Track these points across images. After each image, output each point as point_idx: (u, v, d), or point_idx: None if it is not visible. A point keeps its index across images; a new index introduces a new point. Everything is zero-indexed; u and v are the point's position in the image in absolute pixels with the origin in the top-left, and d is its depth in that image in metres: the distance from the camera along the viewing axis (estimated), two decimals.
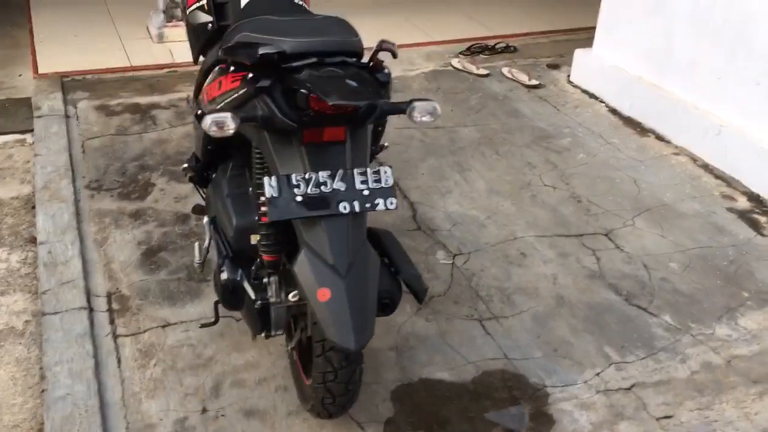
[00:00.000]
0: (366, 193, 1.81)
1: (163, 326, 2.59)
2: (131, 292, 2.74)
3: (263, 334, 2.11)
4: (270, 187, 1.77)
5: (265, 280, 2.07)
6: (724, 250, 3.16)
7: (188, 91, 4.40)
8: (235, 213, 2.10)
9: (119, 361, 2.43)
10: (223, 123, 1.73)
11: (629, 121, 4.28)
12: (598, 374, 2.46)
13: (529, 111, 4.37)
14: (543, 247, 3.12)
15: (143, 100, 4.29)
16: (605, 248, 3.13)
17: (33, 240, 3.08)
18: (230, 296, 2.14)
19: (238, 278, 2.13)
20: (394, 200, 1.83)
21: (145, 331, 2.56)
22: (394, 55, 1.82)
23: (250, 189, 2.17)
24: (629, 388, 2.41)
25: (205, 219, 2.37)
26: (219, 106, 1.97)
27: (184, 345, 2.51)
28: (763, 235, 3.28)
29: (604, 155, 3.90)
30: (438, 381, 2.41)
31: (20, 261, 2.97)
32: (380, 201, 1.82)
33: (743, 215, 3.42)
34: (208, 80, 2.17)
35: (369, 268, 1.82)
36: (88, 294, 2.70)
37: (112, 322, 2.60)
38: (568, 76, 4.85)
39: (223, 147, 2.22)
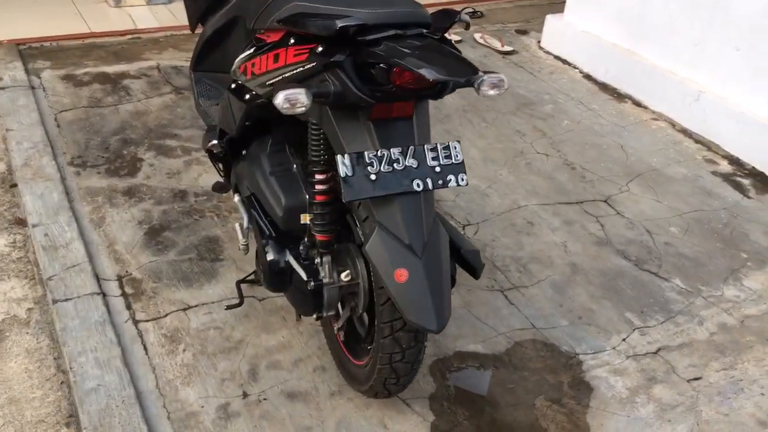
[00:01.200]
0: (438, 169, 1.77)
1: (184, 309, 2.48)
2: (142, 274, 2.62)
3: (314, 316, 2.05)
4: (344, 165, 1.70)
5: (317, 260, 2.00)
6: (717, 213, 3.27)
7: (157, 59, 4.23)
8: (283, 192, 2.02)
9: (146, 348, 2.32)
10: (296, 100, 1.64)
11: (605, 87, 4.34)
12: (624, 340, 2.52)
13: (507, 78, 4.35)
14: (547, 215, 3.15)
15: (111, 69, 4.06)
16: (606, 214, 3.18)
17: (20, 221, 2.89)
18: (276, 278, 2.07)
19: (286, 259, 2.06)
20: (464, 176, 1.79)
21: (166, 315, 2.45)
22: (467, 27, 1.77)
23: (294, 166, 2.08)
24: (656, 352, 2.48)
25: (236, 197, 2.28)
26: (272, 81, 1.87)
27: (210, 328, 2.42)
28: (748, 197, 3.41)
29: (588, 121, 3.95)
30: (472, 353, 2.42)
31: (9, 245, 2.79)
32: (452, 177, 1.78)
33: (727, 178, 3.54)
34: (245, 54, 2.05)
35: (442, 247, 1.79)
36: (98, 278, 2.56)
37: (128, 307, 2.47)
38: (539, 42, 4.87)
39: (262, 122, 2.12)
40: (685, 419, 2.23)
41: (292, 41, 1.80)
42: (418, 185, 1.74)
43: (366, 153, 1.72)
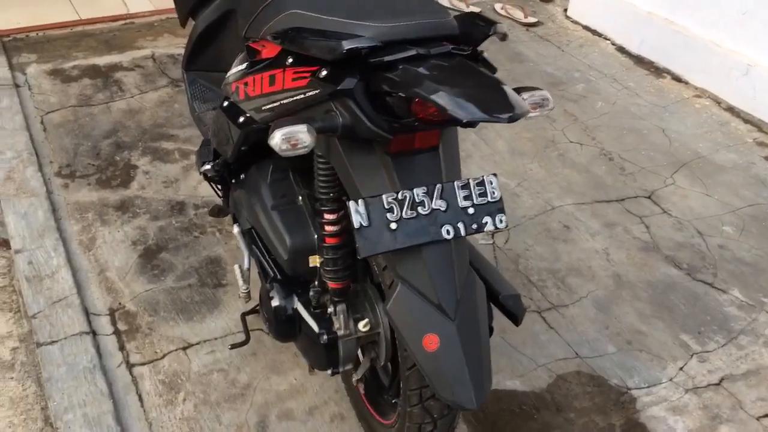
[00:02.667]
0: (471, 211, 1.45)
1: (184, 348, 2.21)
2: (137, 306, 2.34)
3: (329, 371, 1.77)
4: (357, 214, 1.39)
5: (330, 308, 1.71)
6: None
7: (152, 48, 3.90)
8: (287, 231, 1.72)
9: (141, 399, 2.06)
10: (297, 140, 1.32)
11: (641, 61, 3.98)
12: (681, 369, 2.22)
13: (533, 54, 4.01)
14: (585, 216, 2.83)
15: (102, 60, 3.74)
16: (651, 213, 2.86)
17: (4, 243, 2.62)
18: (283, 327, 1.79)
19: (294, 306, 1.77)
20: (503, 217, 1.48)
21: (164, 357, 2.18)
22: (504, 38, 1.44)
23: (300, 198, 1.78)
24: (719, 383, 2.18)
25: (236, 228, 1.98)
26: (268, 107, 1.56)
27: (213, 371, 2.14)
28: None
29: (624, 102, 3.60)
30: (511, 392, 2.13)
31: None
32: (488, 219, 1.46)
33: None
34: (237, 69, 1.73)
35: (478, 302, 1.48)
36: (87, 313, 2.29)
37: (122, 347, 2.20)
38: (565, 10, 4.49)
39: (260, 145, 1.81)
40: None
41: (290, 61, 1.48)
42: (448, 232, 1.43)
43: (384, 197, 1.40)
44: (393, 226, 1.41)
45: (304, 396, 2.08)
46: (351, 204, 1.39)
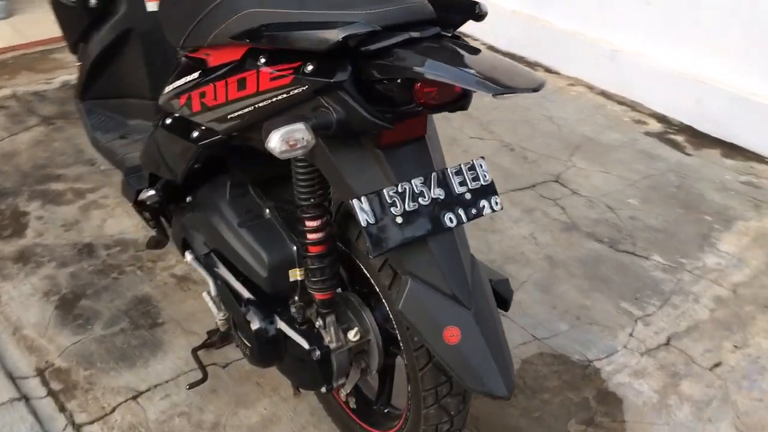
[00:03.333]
0: (468, 196, 1.42)
1: (134, 397, 2.01)
2: (68, 361, 2.11)
3: (323, 389, 1.67)
4: (363, 212, 1.32)
5: (318, 322, 1.62)
6: (666, 176, 3.14)
7: (11, 87, 3.58)
8: (263, 247, 1.61)
9: None
10: (296, 139, 1.24)
11: (512, 57, 4.14)
12: (631, 335, 2.31)
13: None
14: (505, 205, 2.87)
15: None
16: (563, 195, 2.97)
17: None
18: (267, 350, 1.67)
19: (276, 326, 1.66)
20: (498, 198, 1.46)
21: (113, 410, 1.97)
22: (481, 19, 1.43)
23: (267, 210, 1.67)
24: (667, 343, 2.29)
25: (189, 256, 1.83)
26: (238, 113, 1.45)
27: (173, 416, 1.97)
28: (688, 154, 3.32)
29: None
30: None
31: None
32: (484, 203, 1.44)
33: (662, 138, 3.44)
34: (183, 81, 1.60)
35: (486, 289, 1.46)
36: (12, 378, 2.03)
37: (62, 408, 1.97)
38: None
39: (213, 161, 1.68)
40: (724, 414, 2.04)
41: (263, 61, 1.38)
42: (450, 220, 1.40)
43: (385, 192, 1.35)
44: (399, 220, 1.35)
45: (279, 425, 1.96)
46: (354, 203, 1.32)
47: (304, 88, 1.31)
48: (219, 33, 1.50)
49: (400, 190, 1.36)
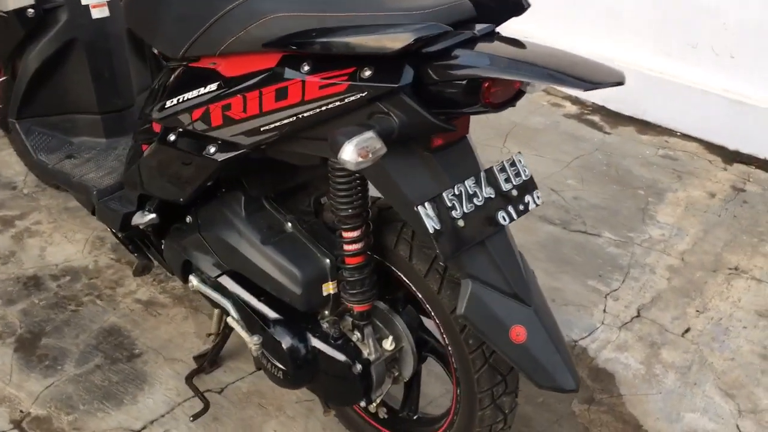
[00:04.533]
0: (514, 193, 1.43)
1: None
2: (46, 408, 1.92)
3: (362, 403, 1.62)
4: (428, 218, 1.29)
5: (356, 335, 1.57)
6: (594, 155, 3.29)
7: None
8: (294, 263, 1.52)
9: None
10: (371, 148, 1.19)
11: None
12: (604, 311, 2.40)
13: None
14: None
15: None
16: None
17: None
18: (301, 369, 1.59)
19: (311, 343, 1.59)
20: (539, 193, 1.48)
21: None
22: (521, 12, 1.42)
23: (288, 224, 1.59)
24: (638, 315, 2.40)
25: (194, 281, 1.71)
26: (275, 125, 1.36)
27: None
28: (607, 133, 3.49)
29: None
30: None
31: None
32: (528, 198, 1.45)
33: (580, 119, 3.60)
34: (193, 94, 1.48)
35: (536, 283, 1.47)
36: None
37: None
38: None
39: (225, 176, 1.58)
40: (705, 377, 2.17)
41: (307, 68, 1.30)
42: (503, 218, 1.39)
43: (445, 195, 1.32)
44: (461, 223, 1.33)
45: None
46: (420, 210, 1.29)
47: (363, 95, 1.25)
48: (237, 40, 1.40)
49: (456, 192, 1.34)
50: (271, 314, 1.61)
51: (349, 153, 1.18)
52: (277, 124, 1.37)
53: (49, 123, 2.18)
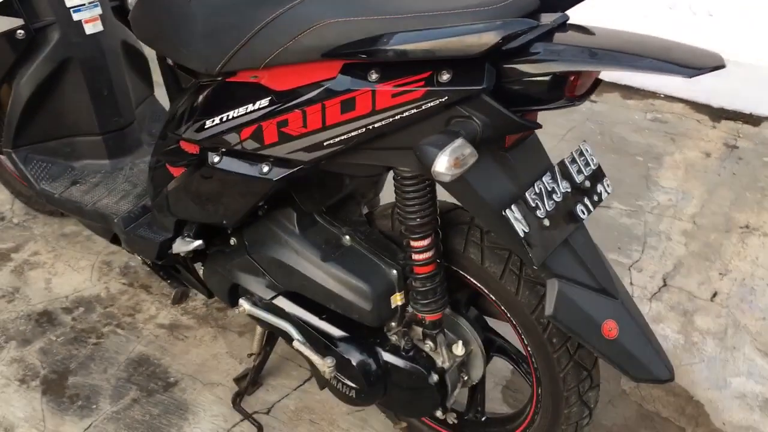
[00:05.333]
0: (587, 184, 1.39)
1: None
2: None
3: (439, 412, 1.57)
4: (518, 222, 1.24)
5: (428, 345, 1.52)
6: (585, 125, 3.28)
7: None
8: (361, 278, 1.45)
9: None
10: (464, 156, 1.12)
11: None
12: (631, 284, 2.40)
13: None
14: None
15: None
16: None
17: None
18: (375, 385, 1.54)
19: (382, 358, 1.53)
20: (608, 180, 1.44)
21: None
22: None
23: (346, 237, 1.51)
24: (665, 284, 2.40)
25: (246, 304, 1.62)
26: (340, 139, 1.28)
27: None
28: (593, 101, 3.49)
29: None
30: None
31: None
32: (600, 188, 1.42)
33: None
34: (248, 111, 1.38)
35: (615, 272, 1.43)
36: None
37: None
38: None
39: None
40: (742, 339, 2.19)
41: (375, 76, 1.22)
42: (582, 212, 1.35)
43: (527, 195, 1.27)
44: (546, 222, 1.28)
45: None
46: (508, 214, 1.23)
47: (443, 100, 1.18)
48: (285, 51, 1.31)
49: (537, 191, 1.29)
50: (337, 332, 1.54)
51: (444, 164, 1.11)
52: (344, 137, 1.29)
53: (48, 149, 2.05)
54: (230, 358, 2.08)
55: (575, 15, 1.27)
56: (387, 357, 1.53)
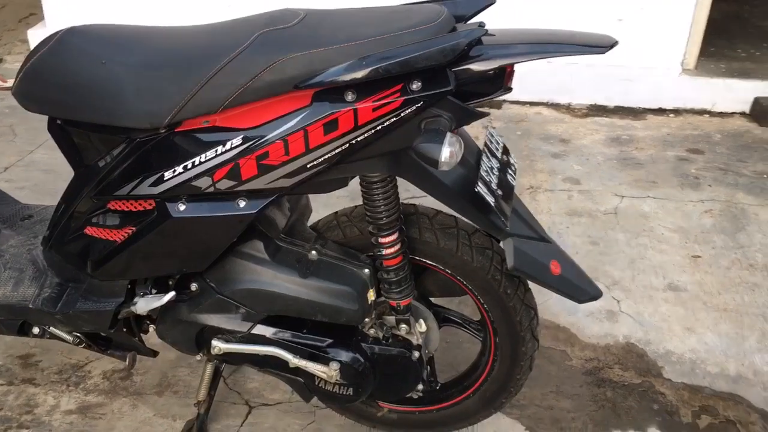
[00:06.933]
0: (504, 158, 1.69)
1: None
2: None
3: (420, 386, 1.76)
4: (487, 195, 1.49)
5: (402, 328, 1.70)
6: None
7: None
8: (341, 283, 1.59)
9: None
10: (456, 149, 1.35)
11: None
12: None
13: None
14: None
15: None
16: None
17: None
18: (369, 379, 1.69)
19: (368, 351, 1.69)
20: (513, 155, 1.76)
21: None
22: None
23: (312, 252, 1.63)
24: None
25: (222, 344, 1.65)
26: (325, 158, 1.42)
27: None
28: None
29: None
30: None
31: None
32: (512, 160, 1.73)
33: None
34: (217, 154, 1.43)
35: None
36: None
37: None
38: None
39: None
40: None
41: (352, 96, 1.38)
42: (512, 179, 1.65)
43: (481, 173, 1.53)
44: (499, 192, 1.56)
45: None
46: (479, 189, 1.48)
47: (419, 105, 1.39)
48: (245, 91, 1.41)
49: (484, 169, 1.56)
50: (322, 341, 1.65)
51: (446, 155, 1.33)
52: (327, 156, 1.43)
53: None
54: (161, 419, 2.03)
55: None
56: (372, 349, 1.68)
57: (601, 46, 1.42)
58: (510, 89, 1.51)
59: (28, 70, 1.56)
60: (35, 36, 4.09)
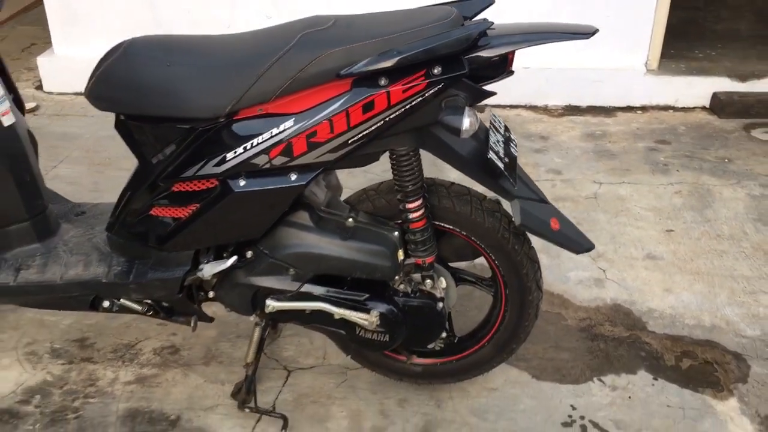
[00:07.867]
0: (507, 134, 2.00)
1: None
2: None
3: (444, 334, 2.06)
4: (498, 161, 1.80)
5: (428, 284, 2.00)
6: None
7: None
8: (377, 243, 1.89)
9: None
10: (475, 117, 1.66)
11: None
12: None
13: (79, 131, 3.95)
14: None
15: None
16: None
17: None
18: (402, 327, 1.99)
19: (400, 304, 1.98)
20: (514, 134, 2.06)
21: None
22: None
23: (349, 219, 1.92)
24: None
25: (275, 303, 1.93)
26: (363, 134, 1.72)
27: None
28: None
29: None
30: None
31: None
32: (513, 136, 2.03)
33: None
34: (272, 135, 1.73)
35: None
36: None
37: None
38: (39, 87, 4.41)
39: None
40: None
41: (385, 81, 1.68)
42: (514, 150, 1.96)
43: (491, 143, 1.83)
44: (506, 159, 1.86)
45: (376, 421, 2.20)
46: (491, 156, 1.79)
47: (438, 87, 1.70)
48: (293, 83, 1.70)
49: (493, 140, 1.86)
50: (360, 296, 1.94)
51: (468, 122, 1.65)
52: (365, 132, 1.73)
53: None
54: (211, 384, 2.29)
55: None
56: (403, 301, 1.97)
57: (585, 33, 1.75)
58: (512, 72, 1.83)
59: (100, 75, 1.84)
60: (44, 63, 4.34)
